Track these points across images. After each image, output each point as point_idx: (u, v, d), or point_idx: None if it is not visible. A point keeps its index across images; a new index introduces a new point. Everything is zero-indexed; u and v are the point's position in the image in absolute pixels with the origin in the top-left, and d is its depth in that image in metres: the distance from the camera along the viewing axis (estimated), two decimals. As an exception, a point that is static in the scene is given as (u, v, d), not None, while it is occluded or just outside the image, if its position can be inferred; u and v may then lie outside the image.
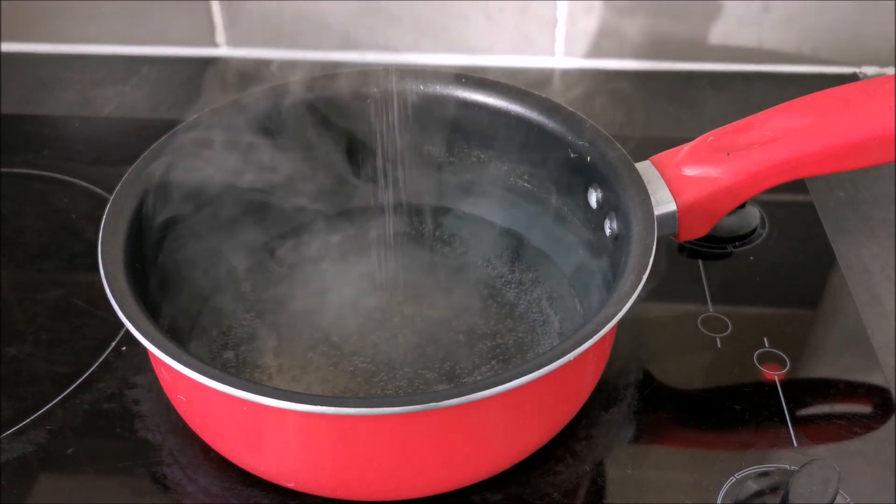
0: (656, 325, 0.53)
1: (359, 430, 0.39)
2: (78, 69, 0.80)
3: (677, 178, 0.48)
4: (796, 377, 0.49)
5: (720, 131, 0.50)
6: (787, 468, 0.44)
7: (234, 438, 0.42)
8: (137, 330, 0.40)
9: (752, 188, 0.48)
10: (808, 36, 0.75)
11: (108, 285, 0.42)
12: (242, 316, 0.52)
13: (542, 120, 0.52)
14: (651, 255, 0.42)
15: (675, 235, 0.49)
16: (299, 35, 0.78)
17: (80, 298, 0.55)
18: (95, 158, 0.68)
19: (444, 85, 0.54)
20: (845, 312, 0.53)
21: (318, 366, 0.49)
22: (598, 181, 0.49)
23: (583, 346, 0.38)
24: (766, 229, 0.59)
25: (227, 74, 0.79)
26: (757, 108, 0.50)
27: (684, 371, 0.50)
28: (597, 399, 0.48)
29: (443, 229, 0.58)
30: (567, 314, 0.52)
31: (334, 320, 0.51)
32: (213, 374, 0.38)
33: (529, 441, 0.44)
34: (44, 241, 0.60)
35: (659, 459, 0.46)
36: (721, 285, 0.55)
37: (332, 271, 0.55)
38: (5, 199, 0.64)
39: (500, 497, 0.43)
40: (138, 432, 0.47)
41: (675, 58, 0.77)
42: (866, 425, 0.47)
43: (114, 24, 0.79)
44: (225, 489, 0.44)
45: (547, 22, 0.76)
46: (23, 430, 0.47)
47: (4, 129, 0.71)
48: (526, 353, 0.50)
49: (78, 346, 0.52)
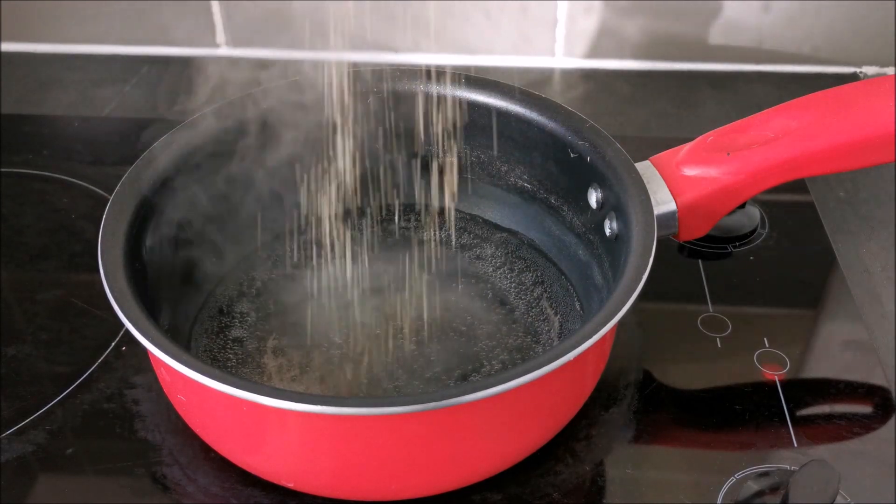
0: (656, 325, 0.53)
1: (359, 430, 0.39)
2: (78, 69, 0.80)
3: (677, 178, 0.48)
4: (796, 377, 0.49)
5: (720, 131, 0.50)
6: (787, 468, 0.44)
7: (234, 438, 0.42)
8: (137, 330, 0.40)
9: (752, 188, 0.48)
10: (808, 36, 0.75)
11: (108, 285, 0.42)
12: (243, 316, 0.52)
13: (542, 120, 0.52)
14: (651, 255, 0.42)
15: (675, 235, 0.49)
16: (299, 35, 0.78)
17: (80, 298, 0.55)
18: (95, 158, 0.68)
19: (444, 85, 0.55)
20: (845, 312, 0.53)
21: (318, 366, 0.49)
22: (598, 181, 0.49)
23: (583, 346, 0.38)
24: (766, 229, 0.59)
25: (227, 74, 0.79)
26: (757, 108, 0.50)
27: (684, 371, 0.50)
28: (597, 399, 0.48)
29: (443, 230, 0.58)
30: (567, 314, 0.52)
31: (334, 320, 0.51)
32: (213, 374, 0.38)
33: (529, 441, 0.43)
34: (44, 241, 0.60)
35: (659, 459, 0.46)
36: (721, 285, 0.55)
37: (332, 271, 0.55)
38: (5, 199, 0.64)
39: (500, 497, 0.43)
40: (138, 432, 0.47)
41: (675, 58, 0.77)
42: (866, 425, 0.47)
43: (114, 24, 0.79)
44: (225, 489, 0.44)
45: (547, 22, 0.76)
46: (23, 430, 0.47)
47: (4, 129, 0.71)
48: (526, 354, 0.50)
49: (78, 346, 0.52)
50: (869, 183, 0.65)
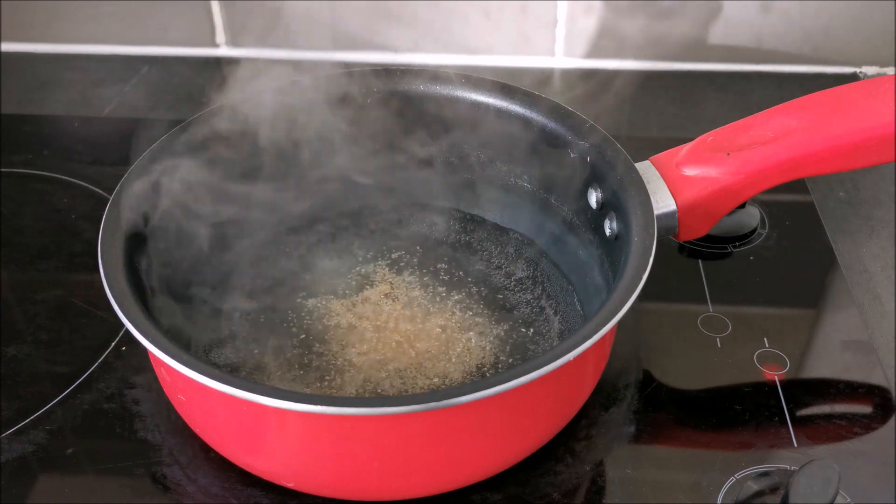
0: (656, 326, 0.53)
1: (359, 430, 0.39)
2: (78, 69, 0.80)
3: (677, 178, 0.48)
4: (796, 377, 0.49)
5: (720, 131, 0.50)
6: (787, 468, 0.44)
7: (234, 438, 0.42)
8: (137, 330, 0.40)
9: (752, 188, 0.48)
10: (808, 36, 0.75)
11: (108, 285, 0.42)
12: (243, 315, 0.52)
13: (542, 120, 0.52)
14: (651, 255, 0.42)
15: (675, 235, 0.49)
16: (299, 35, 0.78)
17: (80, 298, 0.55)
18: (95, 158, 0.68)
19: (444, 85, 0.55)
20: (845, 312, 0.53)
21: (318, 366, 0.49)
22: (598, 181, 0.49)
23: (583, 346, 0.38)
24: (766, 229, 0.59)
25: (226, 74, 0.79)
26: (757, 108, 0.50)
27: (684, 371, 0.50)
28: (597, 399, 0.48)
29: (442, 229, 0.58)
30: (567, 314, 0.52)
31: (334, 320, 0.51)
32: (213, 374, 0.38)
33: (529, 441, 0.44)
34: (44, 241, 0.60)
35: (659, 459, 0.46)
36: (721, 285, 0.55)
37: (332, 271, 0.55)
38: (5, 199, 0.64)
39: (500, 497, 0.43)
40: (138, 432, 0.47)
41: (675, 58, 0.77)
42: (866, 425, 0.47)
43: (114, 24, 0.79)
44: (225, 489, 0.44)
45: (547, 22, 0.76)
46: (23, 430, 0.47)
47: (4, 129, 0.71)
48: (526, 354, 0.50)
49: (78, 346, 0.52)
50: (869, 183, 0.65)
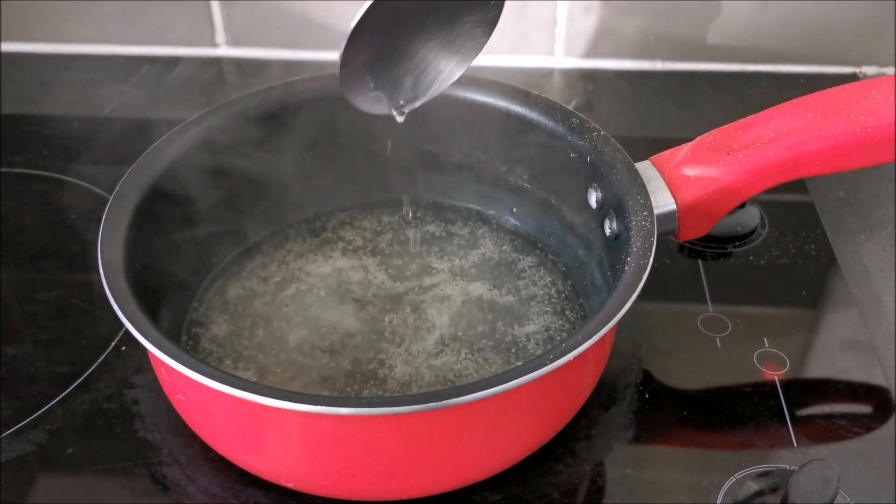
0: (656, 326, 0.53)
1: (359, 430, 0.39)
2: (78, 69, 0.80)
3: (677, 178, 0.48)
4: (796, 377, 0.49)
5: (720, 131, 0.50)
6: (787, 468, 0.44)
7: (233, 438, 0.42)
8: (137, 330, 0.40)
9: (752, 188, 0.48)
10: (808, 36, 0.75)
11: (108, 285, 0.42)
12: (243, 315, 0.52)
13: (542, 120, 0.52)
14: (651, 255, 0.42)
15: (675, 235, 0.49)
16: (299, 35, 0.78)
17: (80, 298, 0.55)
18: (95, 158, 0.68)
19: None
20: (845, 312, 0.53)
21: (318, 366, 0.49)
22: (598, 181, 0.49)
23: (583, 346, 0.38)
24: (766, 229, 0.59)
25: (227, 74, 0.79)
26: (757, 108, 0.50)
27: (684, 371, 0.50)
28: (597, 399, 0.48)
29: (442, 229, 0.58)
30: (567, 314, 0.52)
31: (334, 320, 0.51)
32: (213, 374, 0.38)
33: (529, 441, 0.44)
34: (44, 241, 0.60)
35: (659, 459, 0.46)
36: (721, 285, 0.55)
37: (332, 270, 0.55)
38: (5, 199, 0.64)
39: (500, 497, 0.43)
40: (138, 432, 0.47)
41: (675, 58, 0.77)
42: (866, 425, 0.47)
43: (114, 24, 0.79)
44: (225, 489, 0.44)
45: (546, 22, 0.76)
46: (23, 430, 0.47)
47: (4, 129, 0.71)
48: (526, 353, 0.50)
49: (78, 346, 0.52)
50: (869, 183, 0.65)
